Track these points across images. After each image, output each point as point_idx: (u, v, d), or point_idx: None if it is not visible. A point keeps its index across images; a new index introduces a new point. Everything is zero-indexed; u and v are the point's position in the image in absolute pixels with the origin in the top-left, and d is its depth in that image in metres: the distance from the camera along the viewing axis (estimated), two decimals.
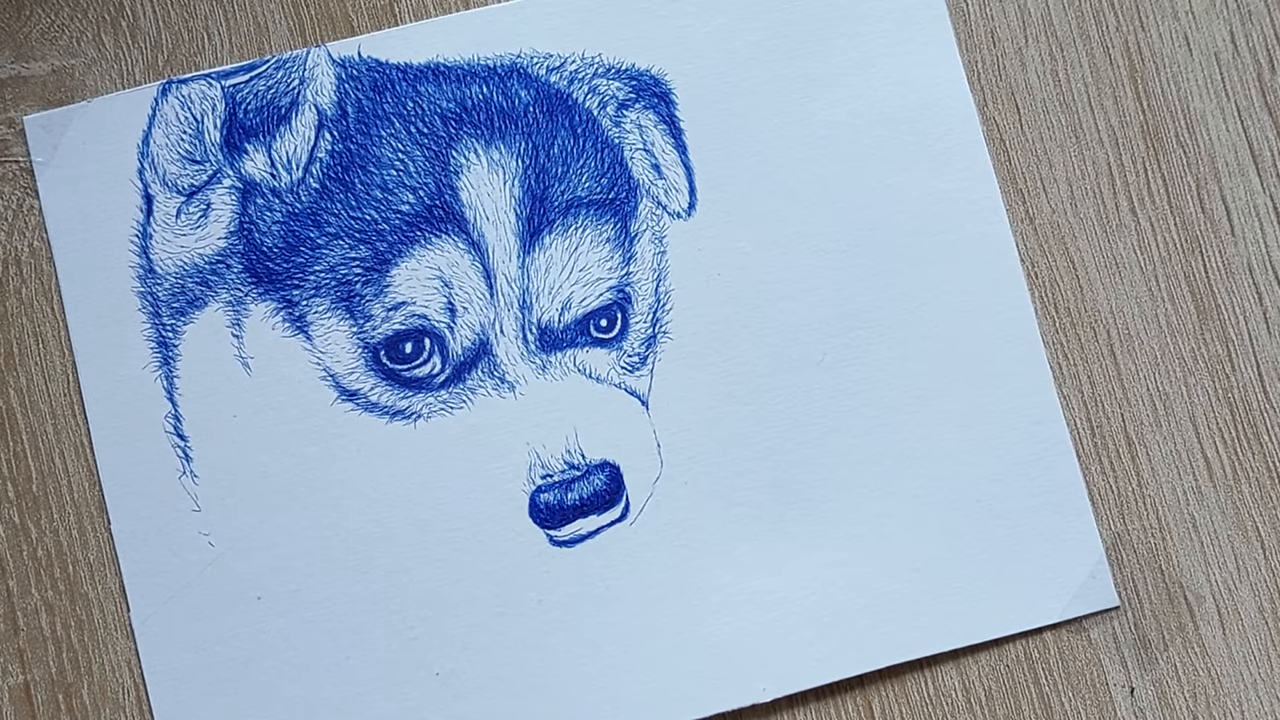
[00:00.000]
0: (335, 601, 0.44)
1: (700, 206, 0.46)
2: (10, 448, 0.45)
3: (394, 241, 0.45)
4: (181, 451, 0.44)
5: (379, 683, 0.43)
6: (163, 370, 0.45)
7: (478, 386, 0.45)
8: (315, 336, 0.45)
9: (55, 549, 0.44)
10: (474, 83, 0.46)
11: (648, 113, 0.46)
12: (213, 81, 0.46)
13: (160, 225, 0.45)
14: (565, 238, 0.45)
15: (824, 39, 0.46)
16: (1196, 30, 0.47)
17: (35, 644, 0.44)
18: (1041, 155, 0.46)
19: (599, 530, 0.44)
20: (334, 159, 0.45)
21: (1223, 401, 0.45)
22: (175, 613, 0.44)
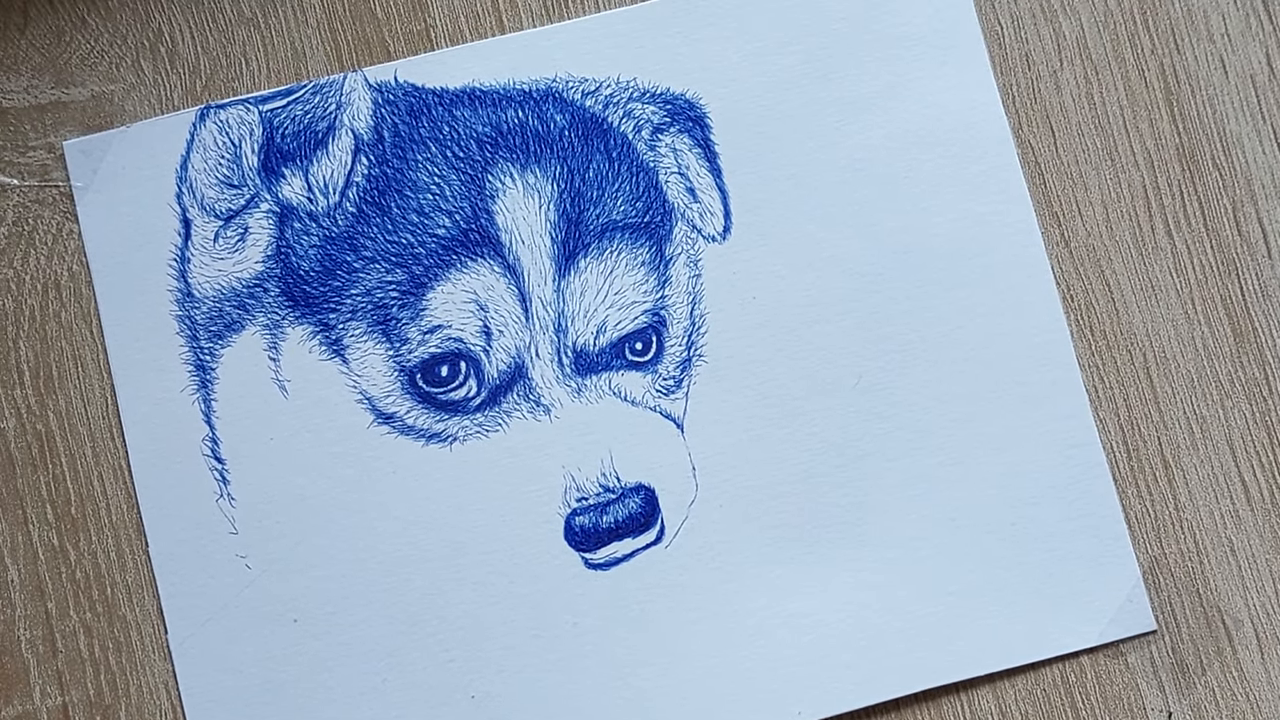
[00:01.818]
0: (371, 624, 0.44)
1: (735, 230, 0.46)
2: (50, 470, 0.45)
3: (430, 265, 0.45)
4: (219, 474, 0.45)
5: (415, 705, 0.44)
6: (200, 393, 0.45)
7: (513, 409, 0.45)
8: (351, 360, 0.45)
9: (94, 571, 0.44)
10: (509, 107, 0.46)
11: (682, 136, 0.46)
12: (250, 106, 0.46)
13: (198, 249, 0.46)
14: (600, 261, 0.45)
15: (859, 63, 0.46)
16: (1232, 53, 0.46)
17: (73, 666, 0.44)
18: (1077, 178, 0.46)
19: (634, 553, 0.44)
20: (370, 183, 0.46)
21: (1260, 425, 0.45)
22: (212, 635, 0.44)
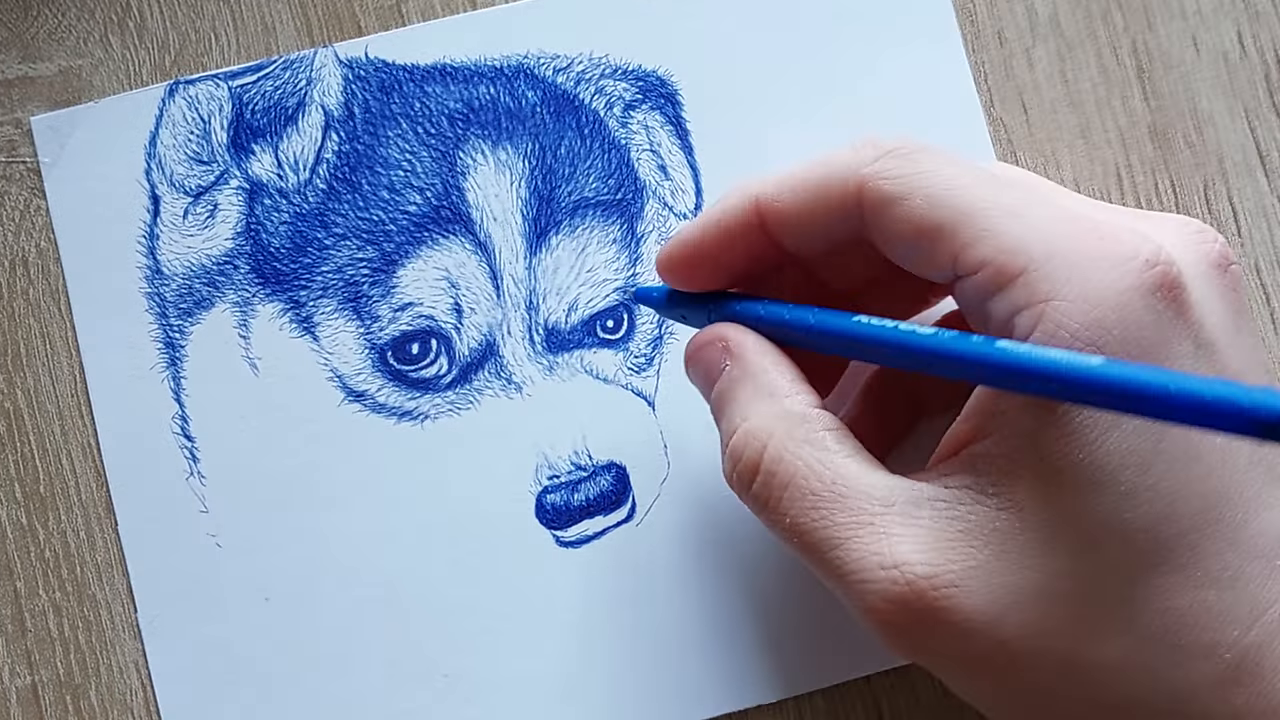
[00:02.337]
0: (343, 602, 0.44)
1: (706, 207, 0.46)
2: (18, 449, 0.45)
3: (401, 242, 0.45)
4: (189, 452, 0.44)
5: (387, 684, 0.43)
6: (170, 371, 0.45)
7: (485, 387, 0.45)
8: (322, 337, 0.45)
9: (63, 550, 0.44)
10: (481, 83, 0.46)
11: (654, 113, 0.46)
12: (220, 82, 0.46)
13: (167, 226, 0.45)
14: (572, 239, 0.45)
15: (830, 40, 0.46)
16: (1205, 30, 0.46)
17: (43, 645, 0.44)
18: (1049, 156, 0.46)
19: (605, 531, 0.44)
20: (341, 160, 0.45)
21: None
22: (183, 614, 0.44)
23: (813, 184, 0.37)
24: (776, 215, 0.37)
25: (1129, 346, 0.33)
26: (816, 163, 0.37)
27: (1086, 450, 0.33)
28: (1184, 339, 0.33)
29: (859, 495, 0.34)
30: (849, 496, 0.35)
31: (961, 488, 0.34)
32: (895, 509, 0.34)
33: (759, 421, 0.36)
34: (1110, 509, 0.33)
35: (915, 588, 0.33)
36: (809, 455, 0.35)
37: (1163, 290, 0.33)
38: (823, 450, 0.35)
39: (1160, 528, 0.33)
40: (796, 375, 0.37)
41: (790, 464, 0.35)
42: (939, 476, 0.35)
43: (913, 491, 0.34)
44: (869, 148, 0.36)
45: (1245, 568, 0.33)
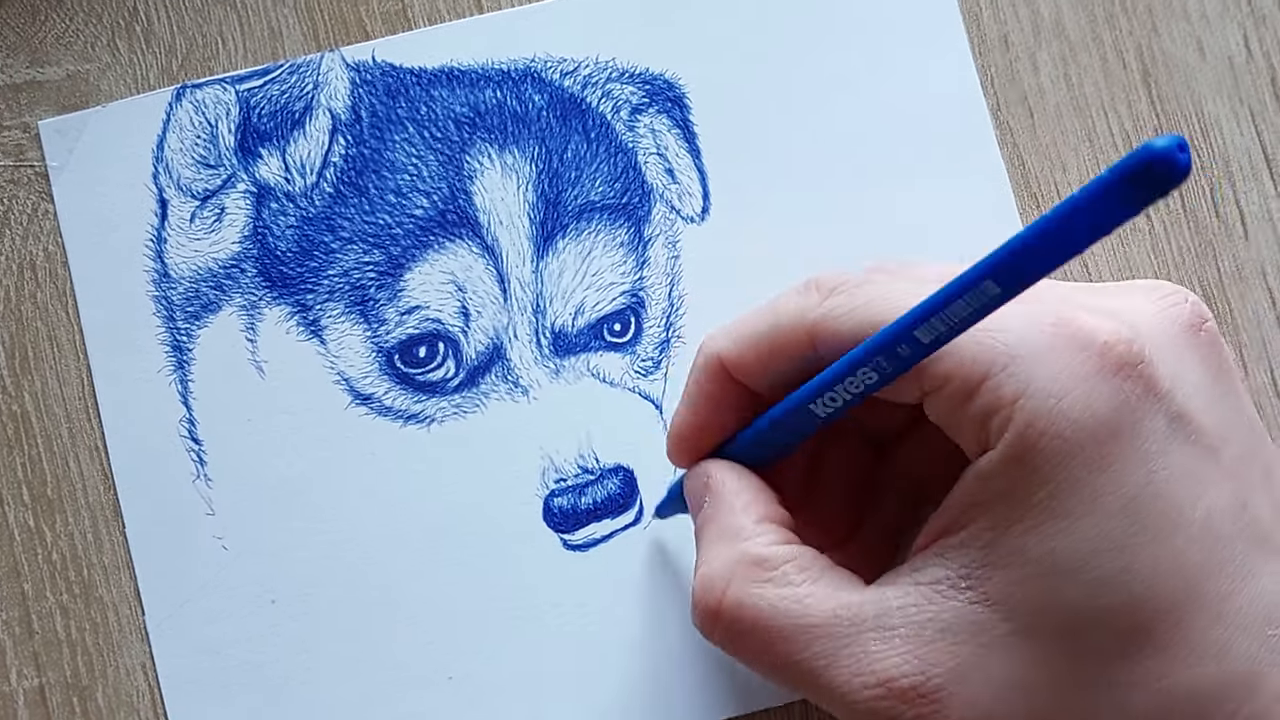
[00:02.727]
0: (349, 605, 0.44)
1: (714, 211, 0.46)
2: (25, 451, 0.45)
3: (408, 246, 0.45)
4: (196, 455, 0.45)
5: (392, 686, 0.44)
6: (177, 374, 0.45)
7: (491, 391, 0.45)
8: (329, 340, 0.45)
9: (70, 552, 0.44)
10: (487, 87, 0.46)
11: (661, 117, 0.46)
12: (227, 86, 0.46)
13: (175, 229, 0.45)
14: (579, 242, 0.45)
15: (837, 44, 0.46)
16: (1209, 33, 0.47)
17: (50, 647, 0.44)
18: (1055, 159, 0.46)
19: (613, 534, 0.44)
20: (348, 163, 0.45)
21: None
22: (190, 616, 0.44)
23: (766, 336, 0.37)
24: (741, 370, 0.38)
25: (1095, 435, 0.32)
26: (766, 312, 0.38)
27: (1059, 539, 0.33)
28: (1155, 415, 0.33)
29: (828, 623, 0.35)
30: (818, 626, 0.35)
31: (934, 582, 0.34)
32: (868, 626, 0.34)
33: (717, 566, 0.36)
34: (1087, 595, 0.33)
35: (904, 698, 0.33)
36: (771, 595, 0.35)
37: (1125, 370, 0.33)
38: (784, 586, 0.35)
39: (1141, 609, 0.33)
40: (765, 510, 0.37)
41: (752, 608, 0.35)
42: (912, 572, 0.35)
43: (882, 603, 0.34)
44: (813, 291, 0.37)
45: (1234, 641, 0.33)
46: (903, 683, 0.33)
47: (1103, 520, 0.33)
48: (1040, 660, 0.33)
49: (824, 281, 0.37)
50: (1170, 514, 0.33)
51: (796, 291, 0.37)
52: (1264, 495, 0.35)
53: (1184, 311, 0.36)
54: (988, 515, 0.34)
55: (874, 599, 0.35)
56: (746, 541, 0.36)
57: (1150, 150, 0.27)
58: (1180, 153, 0.27)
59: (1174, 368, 0.34)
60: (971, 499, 0.34)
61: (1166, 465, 0.33)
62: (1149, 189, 0.27)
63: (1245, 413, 0.36)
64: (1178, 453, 0.33)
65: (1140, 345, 0.34)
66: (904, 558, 0.36)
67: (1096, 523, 0.33)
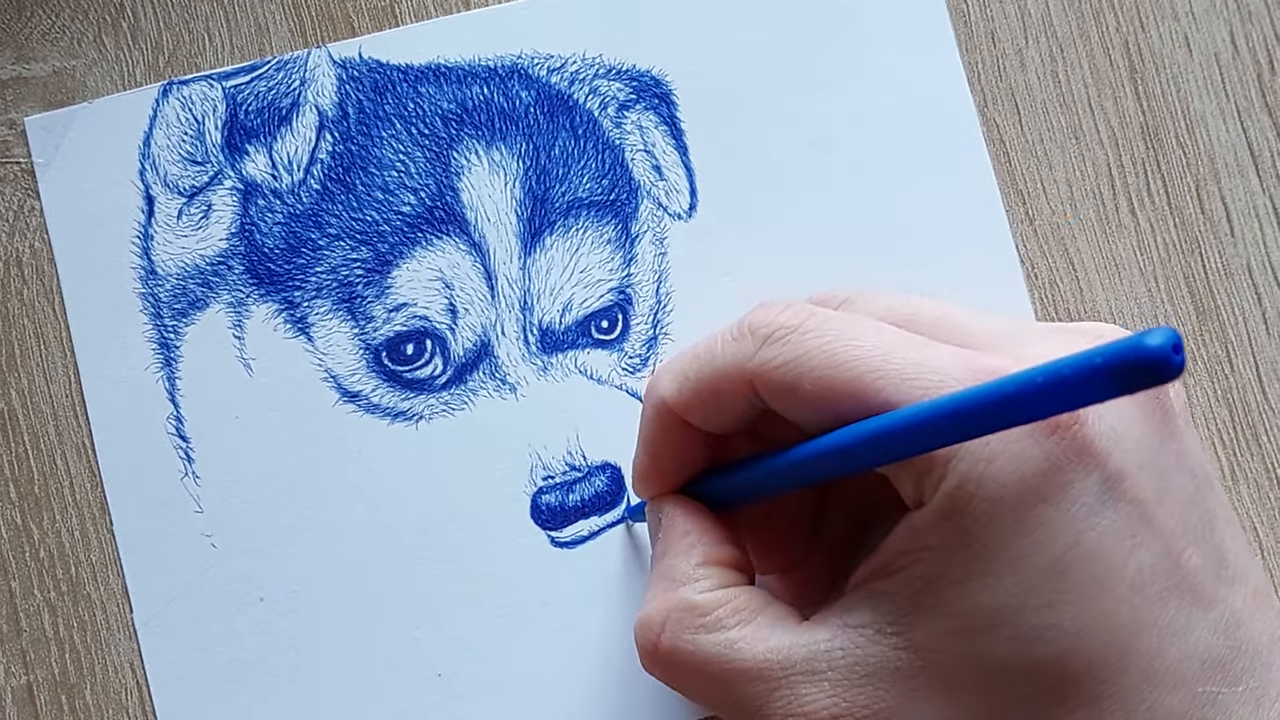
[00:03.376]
0: (337, 602, 0.44)
1: (701, 207, 0.46)
2: (12, 449, 0.45)
3: (395, 243, 0.45)
4: (183, 453, 0.45)
5: (381, 684, 0.44)
6: (164, 371, 0.45)
7: (479, 388, 0.45)
8: (317, 338, 0.45)
9: (58, 550, 0.44)
10: (475, 84, 0.46)
11: (648, 114, 0.46)
12: (214, 83, 0.46)
13: (161, 226, 0.45)
14: (566, 239, 0.45)
15: (825, 40, 0.46)
16: (1196, 31, 0.47)
17: (38, 645, 0.44)
18: (1041, 156, 0.46)
19: (600, 531, 0.44)
20: (335, 160, 0.45)
21: (1222, 402, 0.45)
22: (178, 614, 0.44)
23: (706, 381, 0.38)
24: (688, 414, 0.38)
25: (1025, 498, 0.33)
26: (704, 359, 0.38)
27: (984, 594, 0.33)
28: (1087, 476, 0.33)
29: (759, 667, 0.35)
30: (749, 670, 0.36)
31: (860, 626, 0.35)
32: (797, 670, 0.35)
33: (653, 610, 0.38)
34: (1009, 650, 0.33)
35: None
36: (703, 641, 0.36)
37: (1059, 433, 0.33)
38: (716, 632, 0.36)
39: (1068, 663, 0.33)
40: (706, 558, 0.38)
41: (684, 653, 0.37)
42: (843, 613, 0.35)
43: (812, 646, 0.35)
44: (747, 339, 0.37)
45: (1164, 699, 0.33)
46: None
47: (1028, 578, 0.33)
48: (964, 710, 0.33)
49: (757, 328, 0.37)
50: (1099, 575, 0.33)
51: (732, 337, 0.37)
52: (1203, 546, 0.35)
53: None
54: (917, 565, 0.34)
55: (804, 641, 0.35)
56: (684, 587, 0.37)
57: (1143, 349, 0.27)
58: (1175, 354, 0.26)
59: (1112, 424, 0.34)
60: (903, 548, 0.34)
61: (1096, 526, 0.33)
62: (1137, 383, 0.27)
63: (1188, 460, 0.35)
64: (1110, 513, 0.33)
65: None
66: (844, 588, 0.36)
67: (1020, 581, 0.33)
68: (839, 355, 0.35)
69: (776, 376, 0.36)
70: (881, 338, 0.35)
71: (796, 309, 0.37)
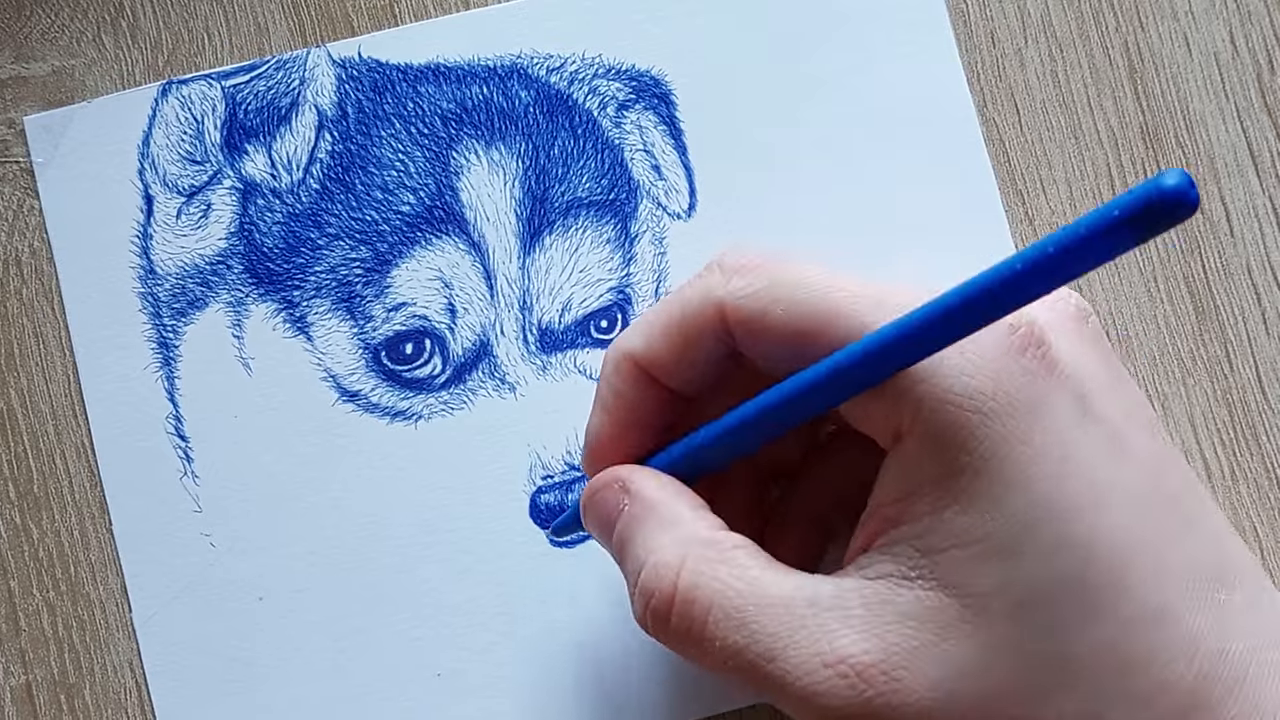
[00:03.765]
0: (337, 602, 0.44)
1: (700, 207, 0.46)
2: (11, 448, 0.45)
3: (394, 242, 0.45)
4: (183, 452, 0.45)
5: (380, 683, 0.44)
6: (164, 371, 0.45)
7: (478, 387, 0.45)
8: (316, 337, 0.45)
9: (57, 549, 0.44)
10: (474, 83, 0.46)
11: (648, 113, 0.46)
12: (213, 82, 0.46)
13: (161, 226, 0.45)
14: (565, 239, 0.45)
15: (824, 40, 0.46)
16: (1196, 31, 0.47)
17: (37, 644, 0.44)
18: (1041, 156, 0.46)
19: None
20: (334, 160, 0.45)
21: (1221, 402, 0.45)
22: (177, 613, 0.44)
23: (676, 324, 0.37)
24: (656, 365, 0.37)
25: (1010, 408, 0.33)
26: (672, 302, 0.37)
27: (994, 518, 0.33)
28: (1061, 392, 0.33)
29: (786, 601, 0.34)
30: (776, 604, 0.34)
31: (883, 577, 0.34)
32: (825, 606, 0.34)
33: (666, 554, 0.35)
34: (1030, 570, 0.33)
35: (865, 677, 0.33)
36: (725, 574, 0.35)
37: (1030, 349, 0.33)
38: (738, 567, 0.35)
39: (1086, 577, 0.33)
40: (698, 503, 0.37)
41: (708, 586, 0.35)
42: (858, 571, 0.34)
43: (839, 588, 0.34)
44: (716, 271, 0.36)
45: (1173, 602, 0.33)
46: (864, 659, 0.33)
47: (1033, 492, 0.33)
48: (996, 639, 0.33)
49: (727, 262, 0.36)
50: (1093, 485, 0.33)
51: (700, 275, 0.37)
52: (1174, 470, 0.35)
53: (1069, 305, 0.36)
54: (920, 503, 0.33)
55: (830, 584, 0.34)
56: (692, 525, 0.36)
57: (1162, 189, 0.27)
58: (1191, 189, 0.27)
59: (1071, 353, 0.34)
60: (899, 491, 0.34)
61: (1081, 440, 0.33)
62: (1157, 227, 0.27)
63: (1139, 398, 0.36)
64: (1090, 429, 0.33)
65: (1040, 327, 0.34)
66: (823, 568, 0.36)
67: (1026, 495, 0.33)
68: (811, 280, 0.35)
69: (748, 304, 0.35)
70: (847, 274, 0.35)
71: (767, 249, 0.37)
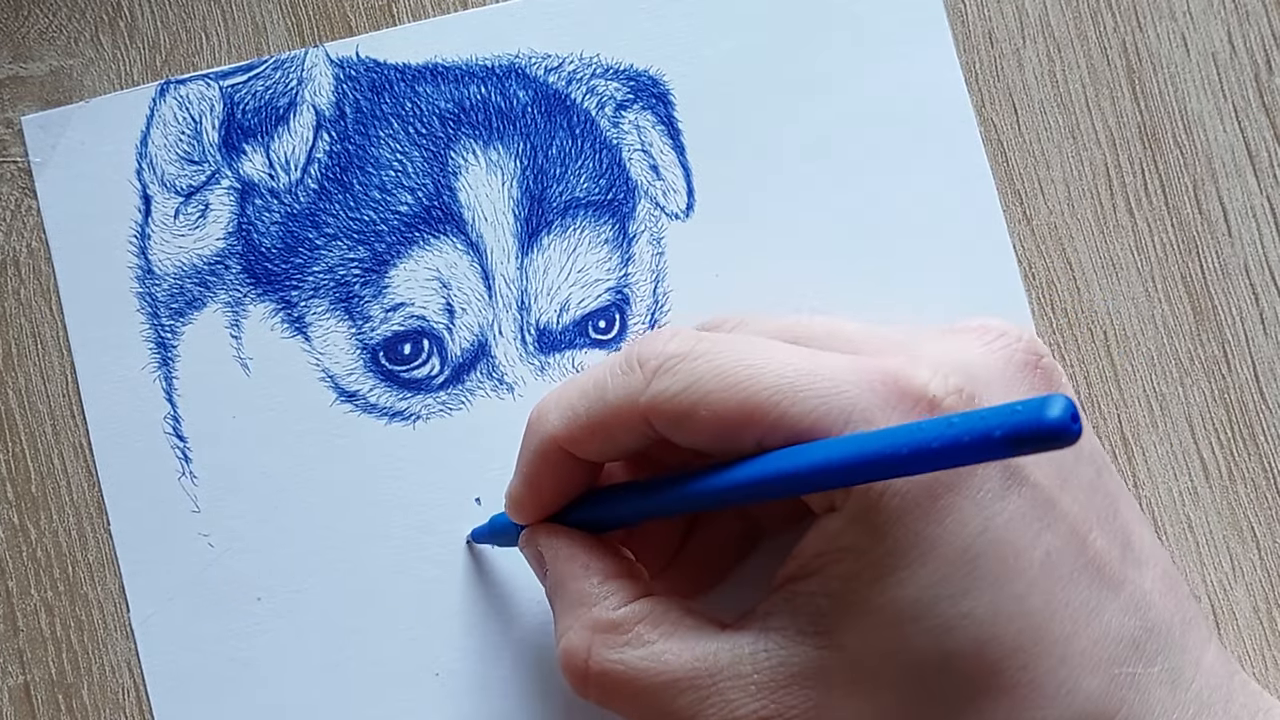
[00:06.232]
0: (335, 602, 0.44)
1: (698, 207, 0.46)
2: (9, 448, 0.45)
3: (392, 242, 0.45)
4: (181, 452, 0.44)
5: (379, 683, 0.44)
6: (161, 371, 0.45)
7: (476, 388, 0.45)
8: (314, 337, 0.45)
9: (55, 550, 0.44)
10: (472, 83, 0.46)
11: (646, 113, 0.46)
12: (211, 82, 0.46)
13: (159, 226, 0.45)
14: (563, 239, 0.45)
15: (822, 40, 0.46)
16: (1194, 31, 0.47)
17: (35, 644, 0.44)
18: (1039, 156, 0.46)
19: None
20: (332, 160, 0.45)
21: (1219, 402, 0.45)
22: (175, 613, 0.44)
23: (597, 417, 0.38)
24: (578, 449, 0.38)
25: (933, 489, 0.33)
26: (594, 395, 0.38)
27: (899, 589, 0.33)
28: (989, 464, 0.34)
29: (689, 676, 0.36)
30: (680, 680, 0.36)
31: (781, 629, 0.35)
32: (724, 675, 0.35)
33: (574, 638, 0.37)
34: (928, 642, 0.33)
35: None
36: (630, 657, 0.36)
37: None
38: (641, 646, 0.36)
39: (984, 653, 0.33)
40: (606, 574, 0.38)
41: (614, 671, 0.36)
42: (762, 617, 0.36)
43: (736, 650, 0.35)
44: (637, 372, 0.37)
45: (1081, 682, 0.33)
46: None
47: (940, 569, 0.33)
48: (889, 705, 0.34)
49: (647, 359, 0.37)
50: (1008, 559, 0.33)
51: (621, 370, 0.37)
52: (1107, 528, 0.35)
53: (1016, 351, 0.37)
54: (834, 565, 0.34)
55: (729, 646, 0.35)
56: (596, 607, 0.37)
57: (1044, 421, 0.27)
58: (1073, 424, 0.27)
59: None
60: (818, 549, 0.35)
61: (1002, 511, 0.34)
62: (1033, 449, 0.28)
63: (1085, 448, 0.36)
64: (1014, 498, 0.34)
65: (970, 392, 0.34)
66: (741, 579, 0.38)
67: (933, 571, 0.33)
68: (731, 376, 0.35)
69: (670, 407, 0.36)
70: (772, 353, 0.35)
71: (684, 336, 0.37)
